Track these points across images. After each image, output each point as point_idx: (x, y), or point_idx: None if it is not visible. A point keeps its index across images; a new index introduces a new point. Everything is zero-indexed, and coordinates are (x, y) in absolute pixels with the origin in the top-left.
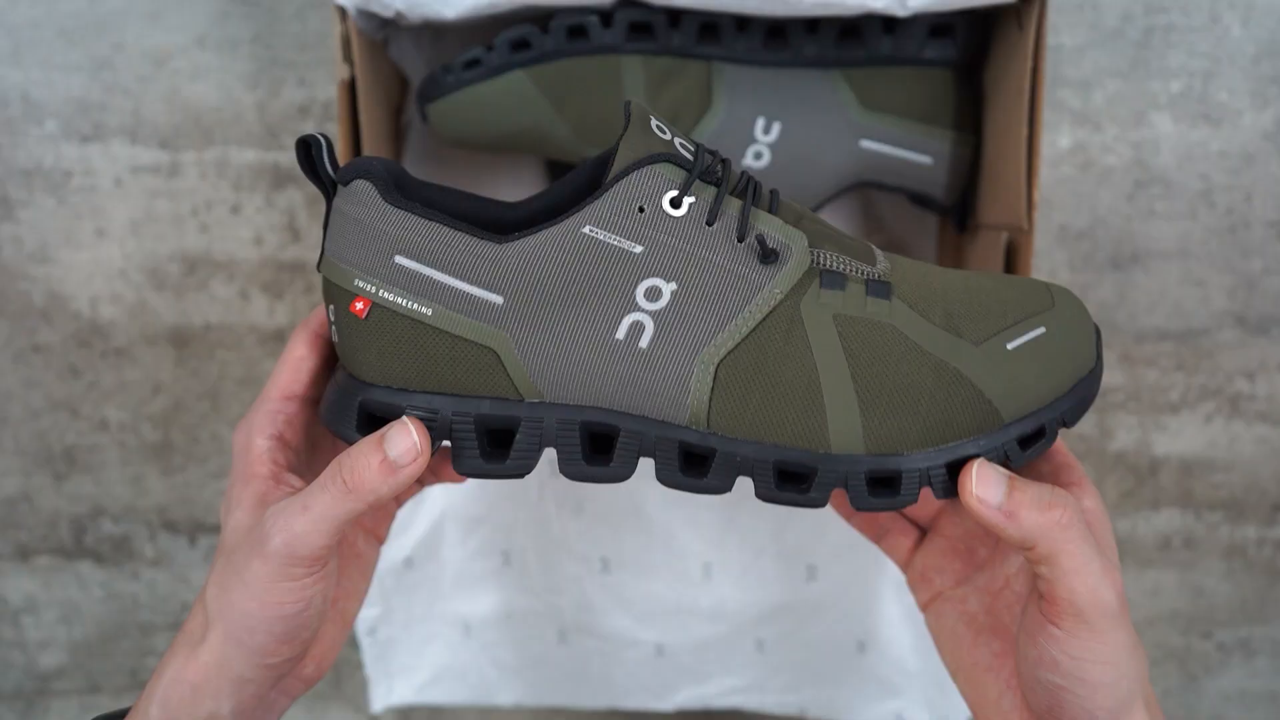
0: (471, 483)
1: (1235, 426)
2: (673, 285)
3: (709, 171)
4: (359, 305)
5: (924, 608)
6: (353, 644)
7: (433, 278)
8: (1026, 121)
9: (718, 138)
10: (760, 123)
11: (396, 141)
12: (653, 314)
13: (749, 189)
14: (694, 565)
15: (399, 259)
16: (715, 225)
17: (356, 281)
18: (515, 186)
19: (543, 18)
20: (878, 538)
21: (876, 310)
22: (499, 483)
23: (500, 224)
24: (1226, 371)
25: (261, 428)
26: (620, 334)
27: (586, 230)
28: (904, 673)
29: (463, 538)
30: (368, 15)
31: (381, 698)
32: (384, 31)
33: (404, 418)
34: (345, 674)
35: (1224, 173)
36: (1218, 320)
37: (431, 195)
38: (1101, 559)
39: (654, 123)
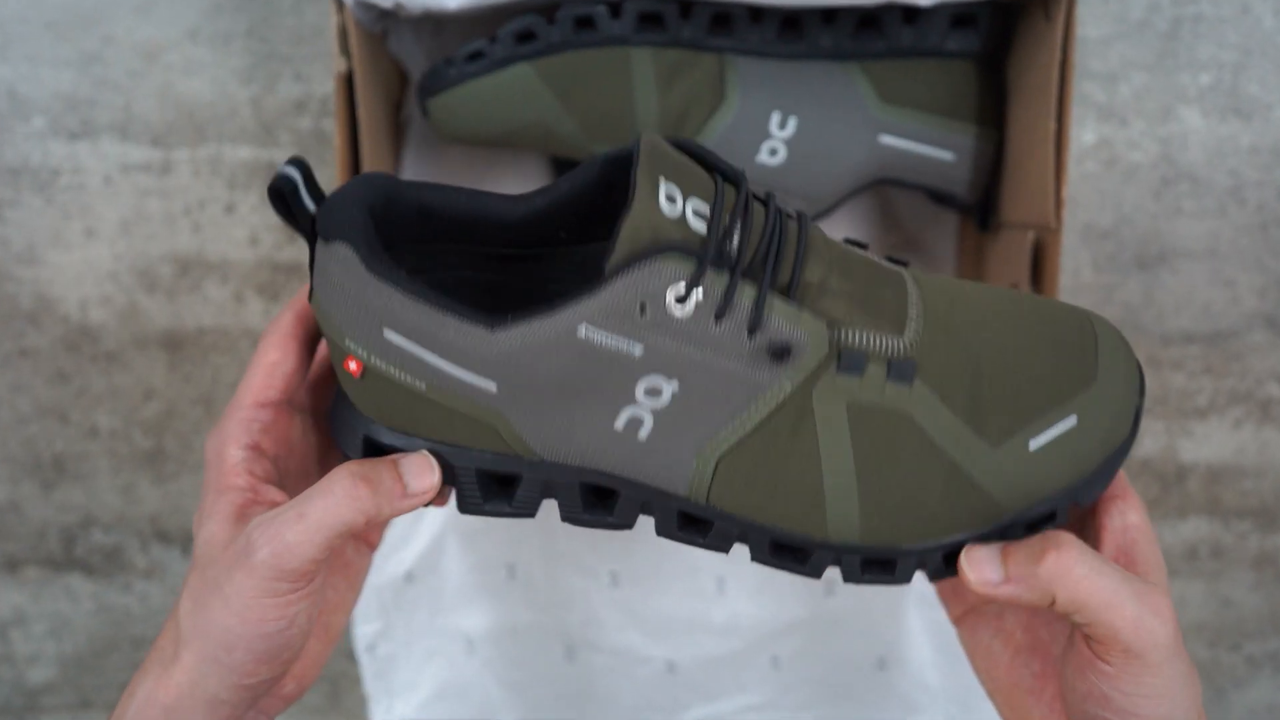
0: None
1: (1266, 432)
2: (674, 384)
3: (722, 255)
4: (352, 365)
5: (956, 622)
6: (351, 658)
7: (423, 357)
8: (1055, 115)
9: (731, 133)
10: (776, 117)
11: (396, 138)
12: (652, 410)
13: (767, 263)
14: (707, 579)
15: (388, 333)
16: (724, 320)
17: (348, 342)
18: (519, 185)
19: (548, 8)
20: None
21: (895, 397)
22: None
23: (503, 224)
24: (1256, 375)
25: (235, 437)
26: (619, 424)
27: (582, 332)
28: (925, 690)
29: (465, 551)
30: (366, 6)
31: (381, 716)
32: (383, 23)
33: (424, 452)
34: (343, 689)
35: (1255, 169)
36: (1247, 322)
37: (428, 198)
38: (1132, 585)
39: (663, 191)
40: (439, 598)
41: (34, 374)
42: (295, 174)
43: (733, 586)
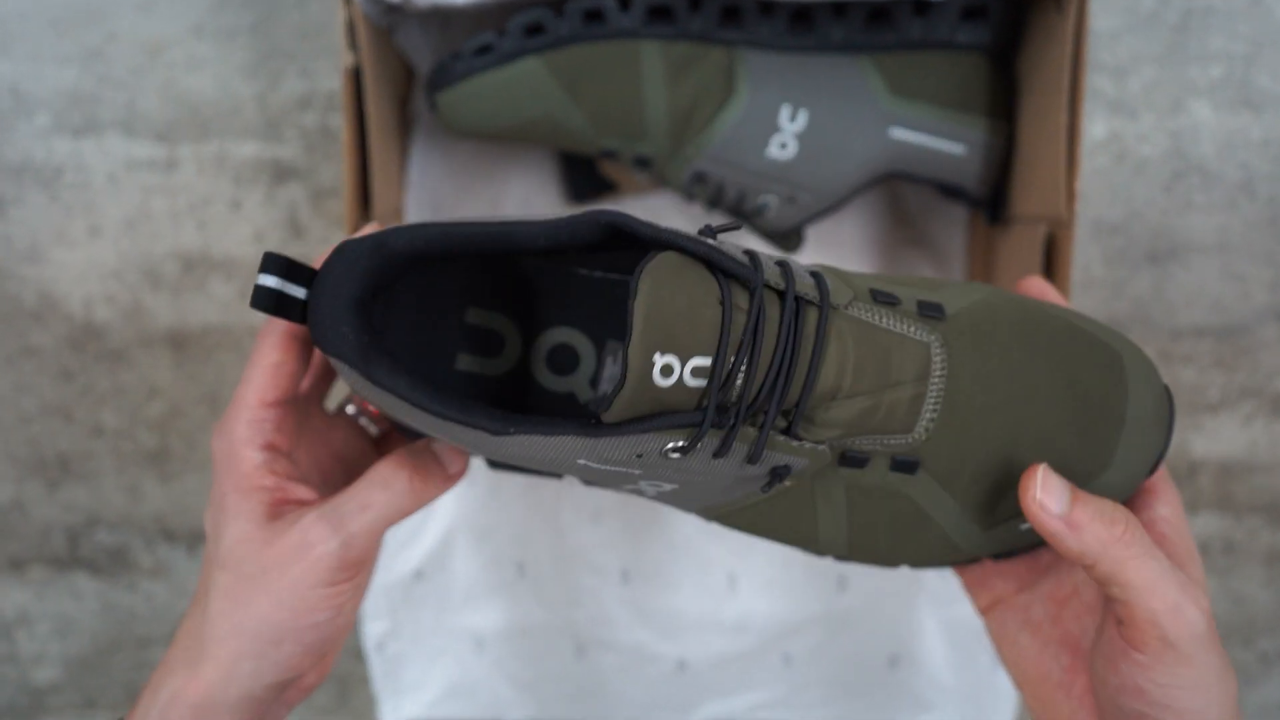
0: (484, 491)
1: (1277, 427)
2: (674, 485)
3: (723, 415)
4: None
5: (984, 612)
6: (358, 657)
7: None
8: (1067, 108)
9: (741, 126)
10: (786, 111)
11: (403, 133)
12: (654, 494)
13: (772, 401)
14: (718, 576)
15: (404, 420)
16: (723, 457)
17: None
18: (526, 179)
19: (557, 1)
20: None
21: (897, 482)
22: (513, 491)
23: (509, 250)
24: (1268, 369)
25: (248, 439)
26: (624, 488)
27: (581, 460)
28: (938, 687)
29: (475, 549)
30: (373, 0)
31: (390, 715)
32: (389, 18)
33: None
34: (351, 688)
35: (1266, 161)
36: (1259, 316)
37: (419, 244)
38: (1176, 575)
39: (659, 365)
40: (448, 596)
41: (38, 373)
42: (271, 281)
43: (744, 584)
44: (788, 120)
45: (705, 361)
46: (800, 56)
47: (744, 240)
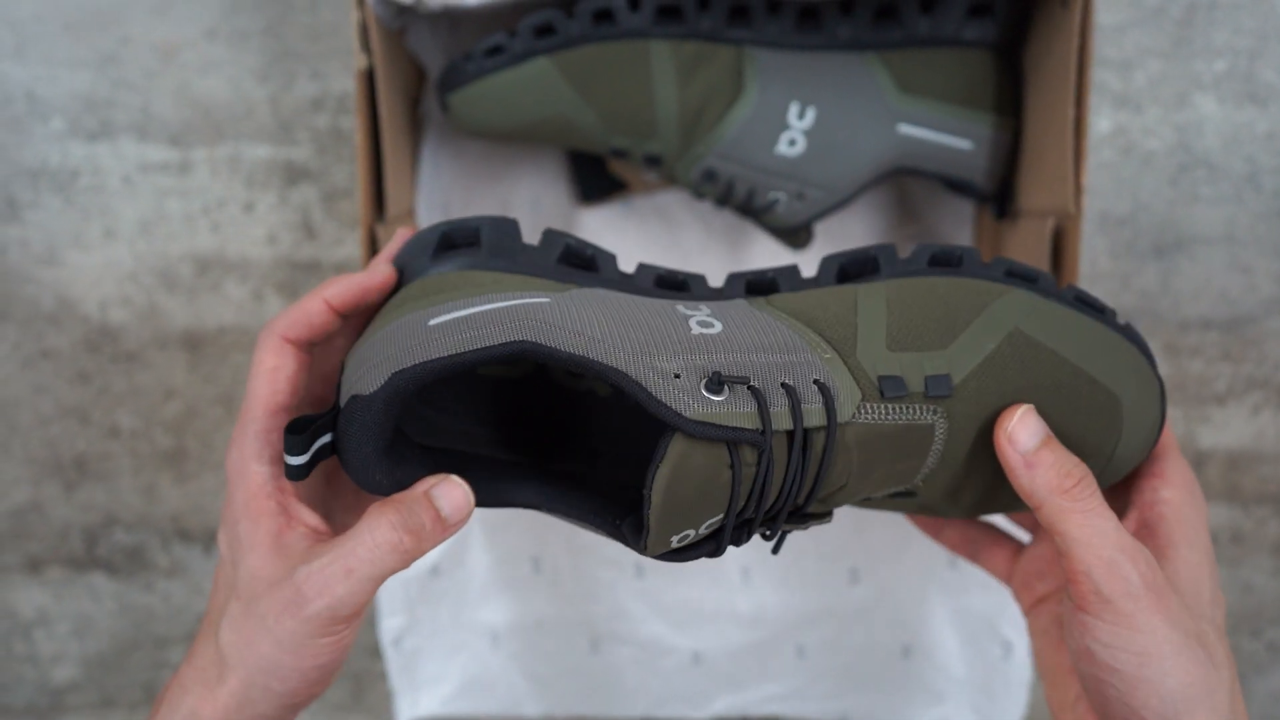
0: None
1: None
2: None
3: (738, 532)
4: None
5: (1028, 612)
6: (373, 654)
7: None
8: (1074, 102)
9: (750, 124)
10: (794, 108)
11: (414, 135)
12: None
13: (781, 512)
14: (732, 569)
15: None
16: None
17: None
18: (535, 179)
19: (567, 2)
20: (973, 555)
21: (898, 503)
22: None
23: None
24: (1274, 361)
25: (257, 452)
26: None
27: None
28: (950, 679)
29: (491, 544)
30: (385, 2)
31: (407, 710)
32: (401, 20)
33: (451, 477)
34: (366, 685)
35: (1271, 155)
36: (1265, 308)
37: (426, 379)
38: (1121, 536)
39: (675, 539)
40: (465, 591)
41: (55, 375)
42: (300, 459)
43: (758, 576)
44: (796, 118)
45: (719, 519)
46: (808, 54)
47: (753, 236)
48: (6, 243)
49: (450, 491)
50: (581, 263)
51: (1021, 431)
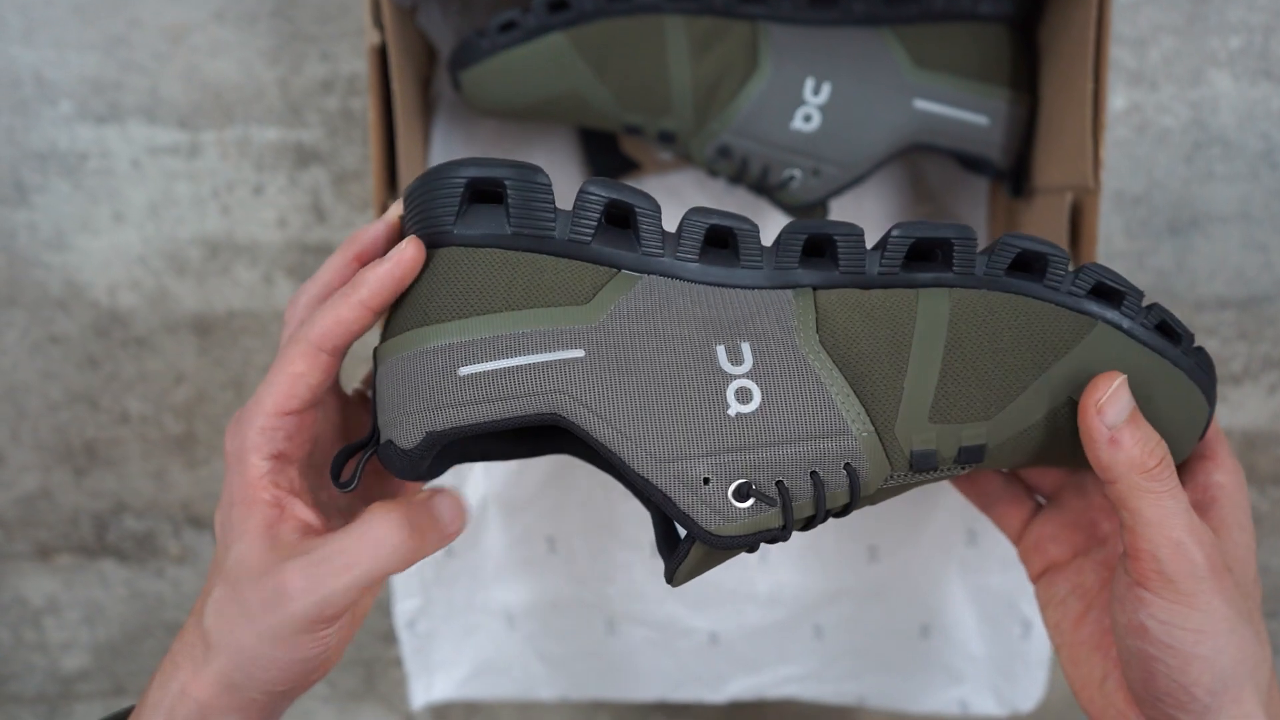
0: (514, 467)
1: None
2: None
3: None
4: None
5: (1035, 579)
6: (386, 640)
7: None
8: (1091, 75)
9: (765, 100)
10: (810, 84)
11: (425, 115)
12: None
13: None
14: None
15: None
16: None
17: None
18: (548, 160)
19: None
20: (986, 507)
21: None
22: (542, 466)
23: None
24: None
25: (258, 446)
26: None
27: None
28: (969, 658)
29: (506, 524)
30: None
31: (421, 693)
32: None
33: (449, 490)
34: (378, 672)
35: None
36: None
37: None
38: (1190, 518)
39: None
40: (479, 573)
41: (64, 360)
42: (348, 484)
43: (775, 556)
44: (811, 93)
45: None
46: (823, 30)
47: (768, 215)
48: (15, 227)
49: (449, 505)
50: (620, 220)
51: (1112, 406)
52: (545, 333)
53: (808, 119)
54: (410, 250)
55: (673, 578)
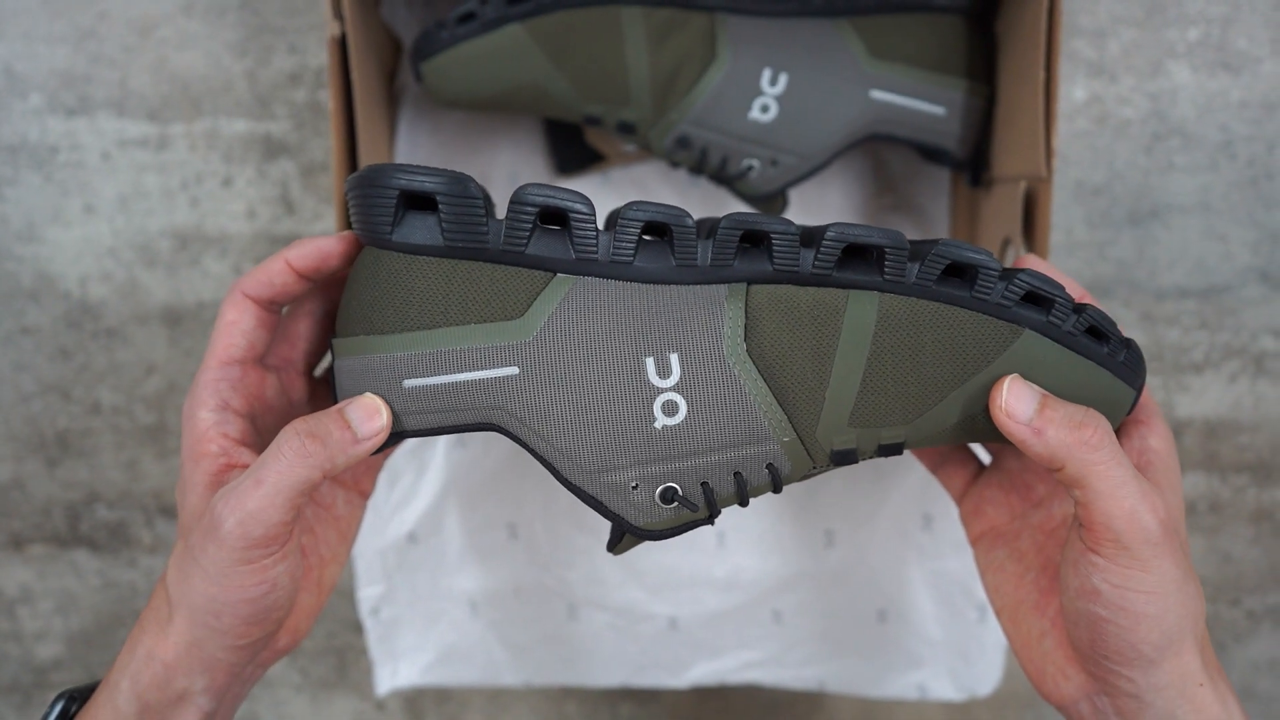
0: (475, 453)
1: (1261, 386)
2: None
3: None
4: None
5: (974, 542)
6: (357, 631)
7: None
8: (1044, 65)
9: (722, 90)
10: (767, 74)
11: (391, 106)
12: None
13: None
14: (707, 533)
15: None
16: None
17: None
18: (513, 152)
19: None
20: (935, 466)
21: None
22: (503, 452)
23: None
24: (1251, 329)
25: (204, 400)
26: None
27: None
28: (926, 643)
29: (467, 511)
30: None
31: (386, 680)
32: None
33: (368, 394)
34: (350, 660)
35: (1245, 123)
36: (1241, 276)
37: None
38: (1139, 483)
39: None
40: (442, 559)
41: (36, 351)
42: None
43: (732, 540)
44: (769, 84)
45: None
46: (780, 21)
47: (729, 207)
48: None
49: (364, 406)
50: (558, 219)
51: (1016, 402)
52: (482, 350)
53: (765, 109)
54: (342, 242)
55: (613, 549)
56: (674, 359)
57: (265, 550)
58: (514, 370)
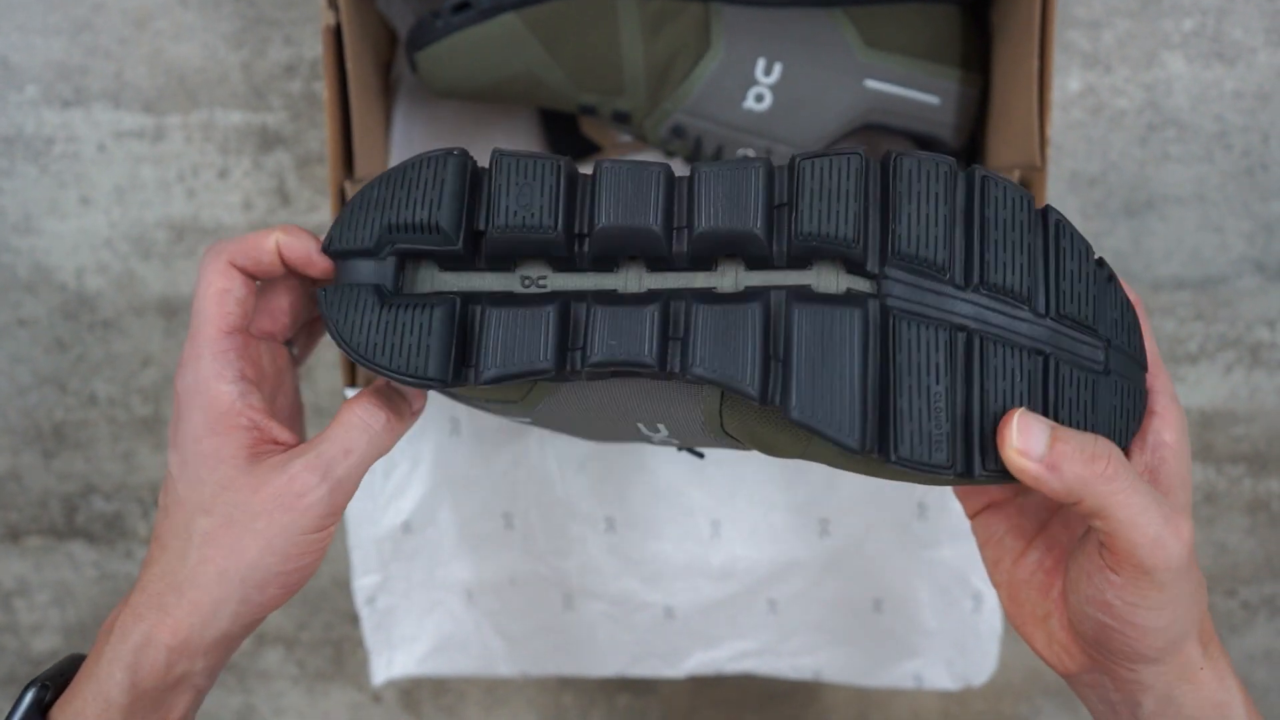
0: (469, 443)
1: (1256, 376)
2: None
3: None
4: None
5: (972, 517)
6: (354, 622)
7: None
8: (1037, 55)
9: (717, 79)
10: (761, 64)
11: (386, 96)
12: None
13: None
14: (702, 522)
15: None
16: None
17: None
18: (508, 143)
19: None
20: None
21: None
22: (498, 441)
23: None
24: (1246, 320)
25: (218, 373)
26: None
27: None
28: (922, 632)
29: (462, 500)
30: None
31: (382, 670)
32: None
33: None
34: (346, 651)
35: (1239, 113)
36: (1236, 267)
37: None
38: (1161, 507)
39: None
40: (437, 549)
41: (32, 343)
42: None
43: (727, 529)
44: (763, 73)
45: None
46: (775, 10)
47: None
48: None
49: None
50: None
51: (1028, 439)
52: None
53: (760, 99)
54: (324, 261)
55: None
56: (661, 426)
57: (335, 518)
58: (527, 420)
